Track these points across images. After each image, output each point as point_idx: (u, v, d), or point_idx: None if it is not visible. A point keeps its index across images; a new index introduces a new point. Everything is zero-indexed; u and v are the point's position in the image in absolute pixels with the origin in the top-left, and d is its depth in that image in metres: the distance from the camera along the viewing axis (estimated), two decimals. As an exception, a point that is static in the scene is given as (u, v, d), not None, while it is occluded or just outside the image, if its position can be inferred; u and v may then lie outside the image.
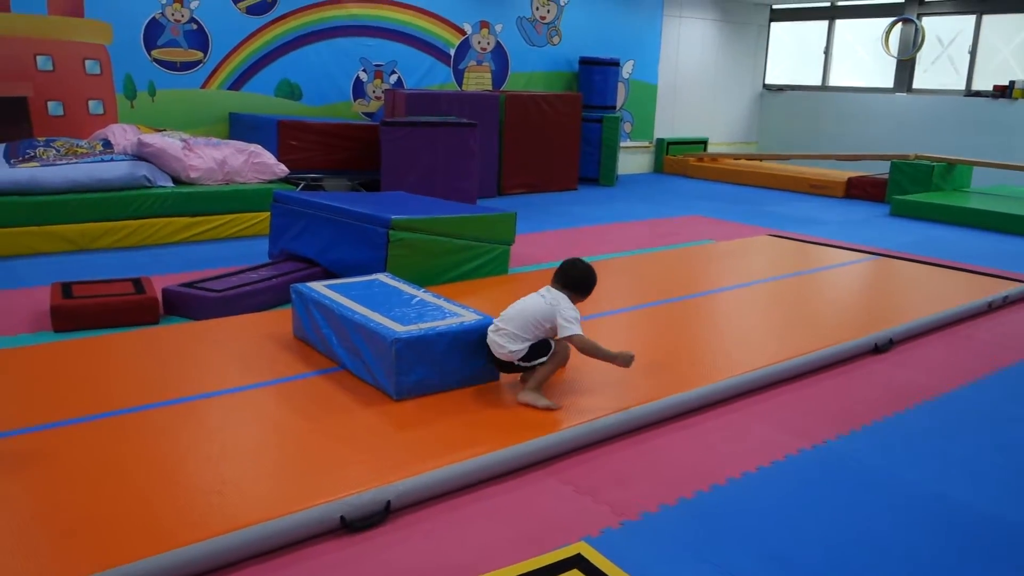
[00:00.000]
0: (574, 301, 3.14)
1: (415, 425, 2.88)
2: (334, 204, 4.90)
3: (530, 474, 2.73)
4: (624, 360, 3.11)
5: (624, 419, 3.03)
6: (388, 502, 2.42)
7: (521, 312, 3.09)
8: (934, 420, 3.31)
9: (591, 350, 3.10)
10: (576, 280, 3.17)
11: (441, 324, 3.18)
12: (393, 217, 4.61)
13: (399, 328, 3.11)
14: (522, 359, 3.08)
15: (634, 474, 2.76)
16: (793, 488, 2.71)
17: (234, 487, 2.41)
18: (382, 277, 3.93)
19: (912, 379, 3.74)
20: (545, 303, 3.08)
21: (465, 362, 3.19)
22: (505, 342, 3.07)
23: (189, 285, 4.48)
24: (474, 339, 3.19)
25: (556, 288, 3.15)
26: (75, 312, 4.05)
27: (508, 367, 3.15)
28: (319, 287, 3.69)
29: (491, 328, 3.15)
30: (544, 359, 3.08)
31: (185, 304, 4.36)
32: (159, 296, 4.40)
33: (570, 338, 3.06)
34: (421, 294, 3.64)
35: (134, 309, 4.17)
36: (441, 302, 3.51)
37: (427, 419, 2.93)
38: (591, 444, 2.94)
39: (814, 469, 2.85)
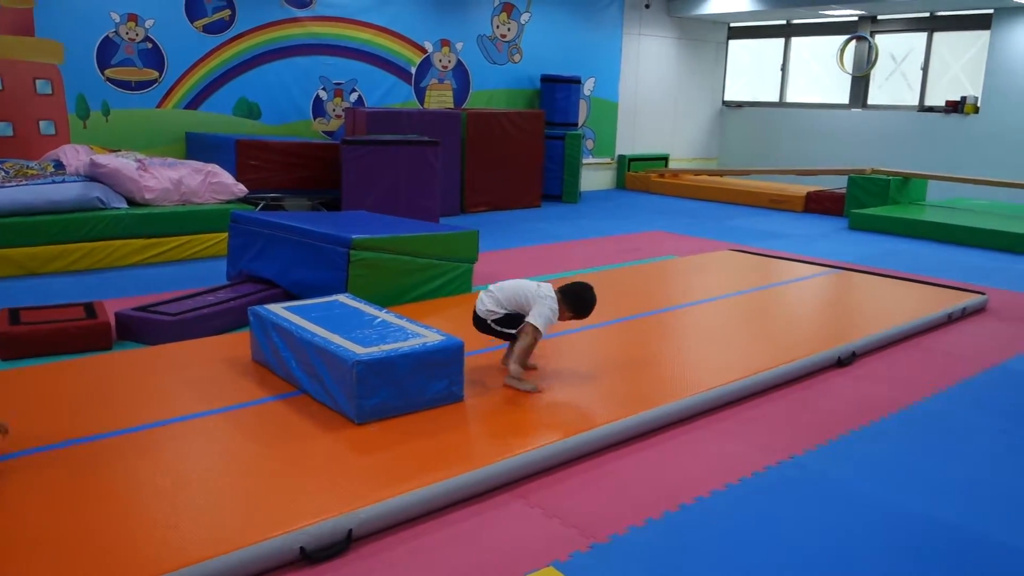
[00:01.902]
0: (564, 315, 3.43)
1: (377, 450, 2.81)
2: (293, 224, 4.82)
3: (496, 497, 2.67)
4: (525, 387, 3.35)
5: (591, 439, 2.99)
6: (350, 531, 2.35)
7: (514, 286, 3.44)
8: (898, 433, 3.32)
9: (522, 349, 3.38)
10: (571, 295, 3.46)
11: (403, 345, 3.12)
12: (354, 236, 4.54)
13: (360, 350, 3.04)
14: (496, 321, 3.43)
15: (602, 495, 2.71)
16: (761, 506, 2.68)
17: (189, 520, 2.32)
18: (342, 298, 3.86)
19: (875, 392, 3.75)
20: (535, 290, 3.40)
21: (428, 383, 3.12)
22: (489, 303, 3.44)
23: (143, 309, 4.36)
24: (437, 360, 3.13)
25: (560, 293, 3.44)
26: (23, 339, 3.91)
27: (483, 326, 3.48)
28: (278, 309, 3.61)
29: (484, 290, 3.50)
30: (514, 332, 3.41)
31: (139, 329, 4.23)
32: (112, 321, 4.28)
33: (527, 325, 3.36)
34: (383, 315, 3.57)
35: (85, 335, 4.04)
36: (403, 322, 3.45)
37: (390, 443, 2.86)
38: (558, 465, 2.89)
39: (781, 486, 2.83)
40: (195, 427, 2.98)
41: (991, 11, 10.63)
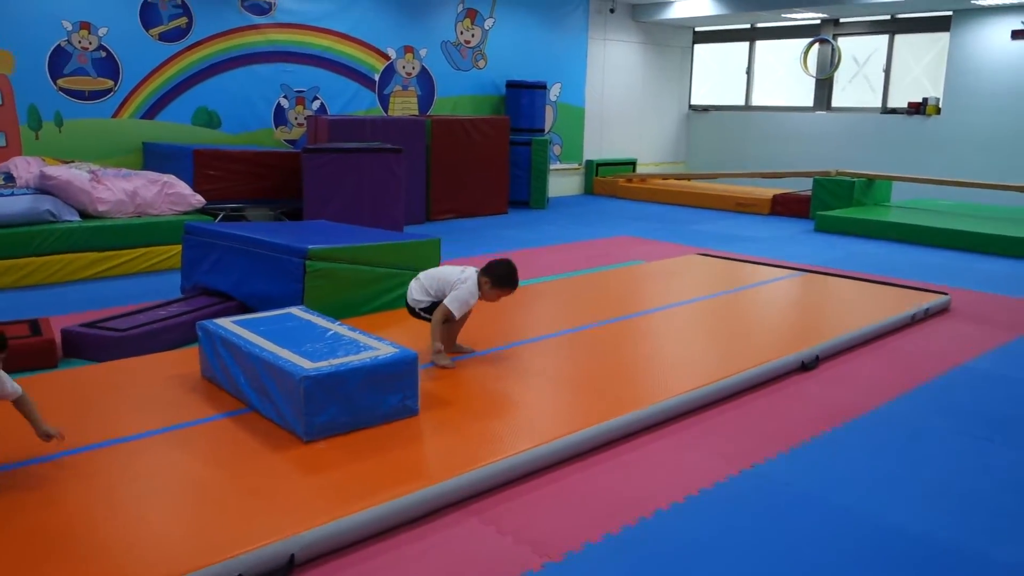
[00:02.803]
0: (495, 289, 3.62)
1: (325, 468, 2.71)
2: (248, 235, 4.70)
3: (448, 516, 2.58)
4: (443, 362, 3.60)
5: (548, 452, 2.91)
6: (292, 556, 2.25)
7: (437, 273, 3.69)
8: (860, 438, 3.27)
9: (434, 324, 3.60)
10: (497, 270, 3.63)
11: (354, 359, 3.02)
12: (309, 247, 4.43)
13: (308, 365, 2.94)
14: (423, 309, 3.67)
15: (559, 511, 2.63)
16: (723, 517, 2.62)
17: (123, 547, 2.21)
18: (295, 311, 3.75)
19: (838, 396, 3.71)
20: (458, 275, 3.63)
21: (380, 399, 3.03)
22: (416, 292, 3.70)
23: (90, 325, 4.22)
24: (389, 374, 3.03)
25: (481, 274, 3.60)
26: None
27: (413, 314, 3.73)
28: (226, 323, 3.49)
29: (415, 279, 3.76)
30: None
31: (86, 345, 4.10)
32: (58, 338, 4.13)
33: (441, 305, 3.60)
34: (336, 327, 3.47)
35: (29, 353, 3.90)
36: (356, 335, 3.35)
37: (338, 461, 2.76)
38: (514, 480, 2.80)
39: (743, 495, 2.77)
40: (136, 448, 2.86)
41: (950, 13, 10.74)
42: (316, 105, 9.10)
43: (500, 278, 3.65)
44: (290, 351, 3.10)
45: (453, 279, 3.68)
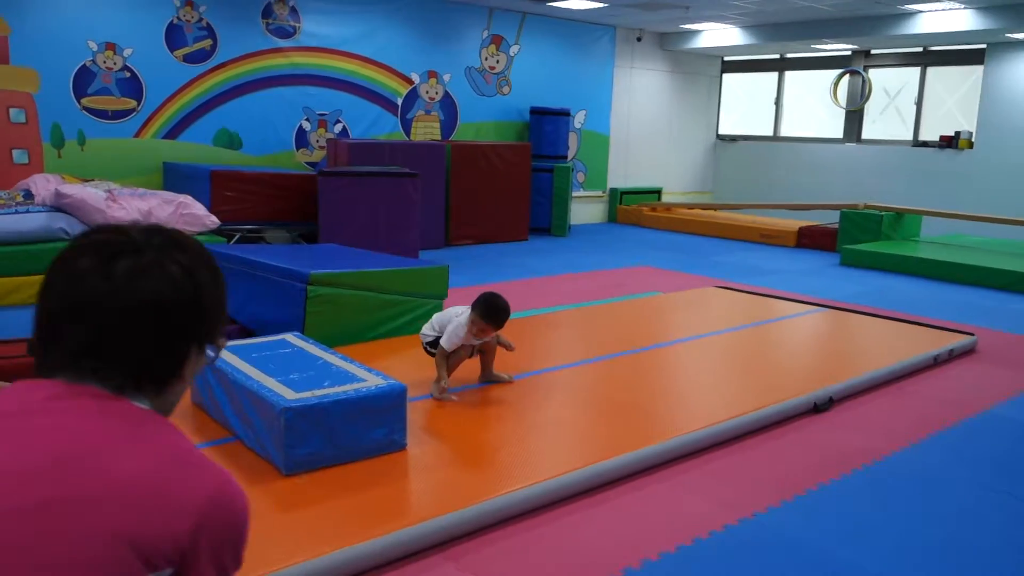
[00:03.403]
0: (482, 325, 3.57)
1: (302, 505, 2.61)
2: (252, 257, 4.66)
3: (425, 559, 2.46)
4: (436, 390, 3.62)
5: (537, 494, 2.78)
6: (253, 600, 2.14)
7: (445, 312, 3.78)
8: (870, 488, 3.10)
9: (437, 359, 3.65)
10: (482, 306, 3.59)
11: (339, 390, 2.93)
12: (311, 271, 4.36)
13: (291, 395, 2.85)
14: (429, 344, 3.75)
15: (541, 558, 2.50)
16: (715, 571, 2.47)
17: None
18: (290, 337, 3.68)
19: (850, 442, 3.54)
20: (457, 314, 3.67)
21: (364, 432, 2.93)
22: (426, 327, 3.80)
23: (89, 345, 4.17)
24: (375, 407, 2.93)
25: (471, 312, 3.61)
26: (-45, 377, 3.72)
27: (425, 349, 3.78)
28: (218, 349, 3.42)
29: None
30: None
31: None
32: (55, 358, 4.09)
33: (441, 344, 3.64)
34: (328, 356, 3.38)
35: (25, 373, 3.84)
36: (348, 365, 3.26)
37: (317, 497, 2.66)
38: (496, 524, 2.68)
39: (740, 547, 2.62)
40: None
41: (983, 46, 10.53)
42: (338, 128, 9.11)
43: (483, 313, 3.58)
44: (276, 380, 3.02)
45: (452, 315, 3.71)
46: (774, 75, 12.97)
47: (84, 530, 0.91)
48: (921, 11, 9.56)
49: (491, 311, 3.58)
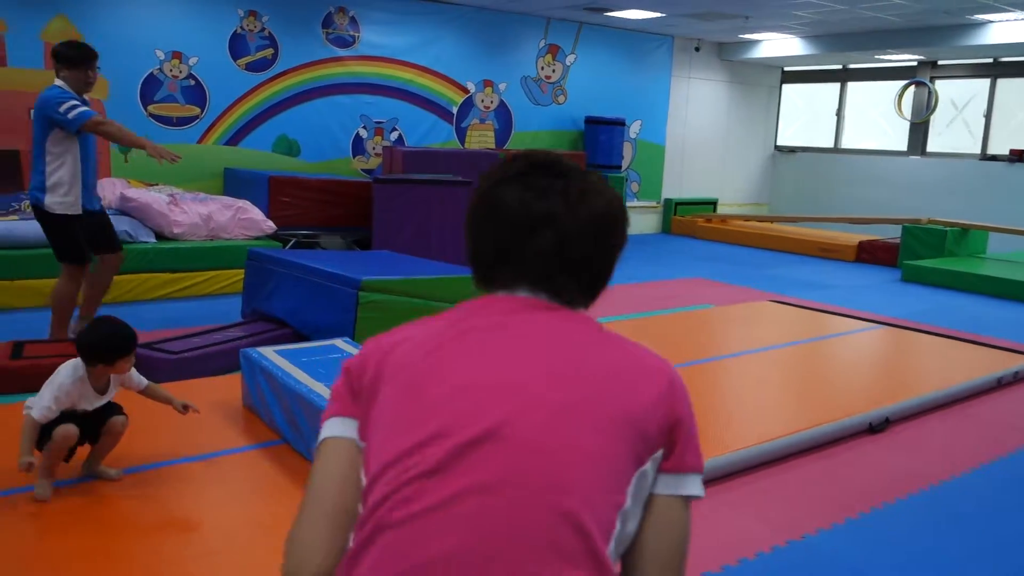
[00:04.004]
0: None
1: (346, 510, 2.63)
2: (305, 263, 4.72)
3: (466, 570, 2.45)
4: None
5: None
6: (295, 603, 2.16)
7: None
8: (926, 513, 3.00)
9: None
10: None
11: (386, 397, 2.94)
12: (363, 278, 4.41)
13: (338, 401, 2.87)
14: None
15: None
16: (760, 593, 2.41)
17: (126, 581, 2.17)
18: (339, 343, 3.72)
19: (907, 464, 3.43)
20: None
21: (410, 439, 2.93)
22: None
23: (148, 346, 4.28)
24: (421, 414, 2.94)
25: None
26: (20, 373, 3.85)
27: None
28: (268, 352, 3.48)
29: None
30: None
31: (140, 366, 4.13)
32: (114, 357, 4.20)
33: None
34: (376, 362, 3.40)
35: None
36: (395, 371, 3.27)
37: (360, 503, 2.67)
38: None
39: (789, 569, 2.56)
40: (160, 476, 2.84)
41: (1059, 57, 10.18)
42: (394, 136, 9.22)
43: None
44: (324, 385, 3.05)
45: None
46: (836, 86, 12.72)
47: (602, 418, 1.03)
48: (991, 21, 9.28)
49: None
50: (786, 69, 13.17)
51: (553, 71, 10.42)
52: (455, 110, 9.68)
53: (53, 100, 4.27)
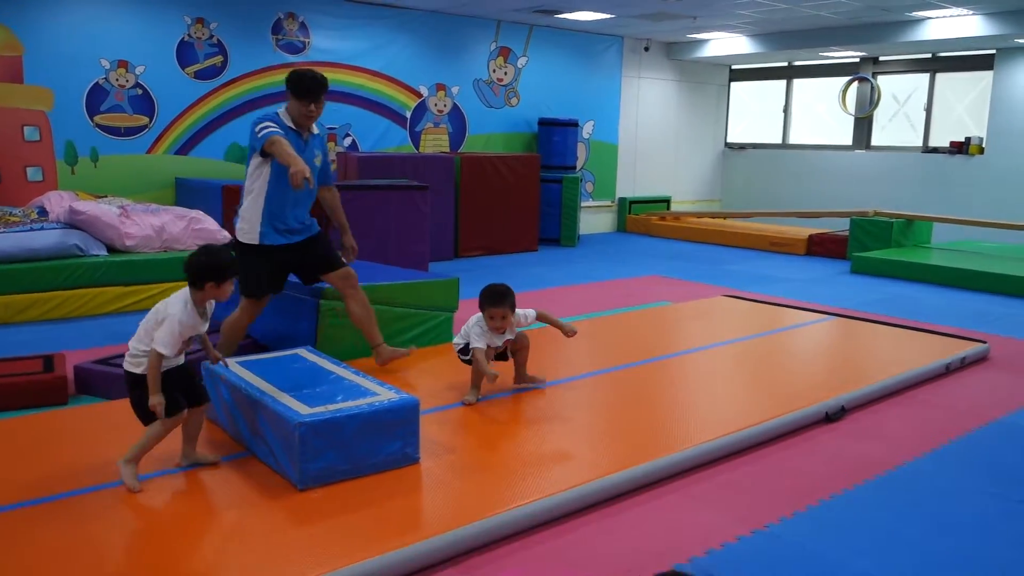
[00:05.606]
0: (487, 312, 3.73)
1: (316, 519, 2.63)
2: (264, 273, 4.67)
3: (440, 573, 2.47)
4: (489, 377, 3.61)
5: (545, 508, 2.78)
6: (269, 615, 2.16)
7: (467, 322, 3.84)
8: (885, 498, 3.09)
9: (474, 361, 3.72)
10: (480, 296, 3.77)
11: (353, 405, 2.95)
12: (325, 287, 4.39)
13: (305, 410, 2.87)
14: (460, 351, 3.85)
15: (554, 571, 2.51)
16: (728, 583, 2.47)
17: (95, 601, 2.14)
18: (303, 352, 3.70)
19: (863, 451, 3.54)
20: (473, 322, 3.78)
21: (380, 445, 2.94)
22: (457, 336, 3.89)
23: (103, 361, 4.21)
24: (388, 420, 2.95)
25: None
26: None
27: (459, 358, 3.89)
28: (231, 363, 3.45)
29: None
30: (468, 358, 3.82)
31: (98, 382, 4.08)
32: (70, 374, 4.13)
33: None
34: (340, 370, 3.40)
35: (39, 390, 3.89)
36: (361, 379, 3.28)
37: (331, 512, 2.67)
38: (503, 539, 2.68)
39: (753, 559, 2.62)
40: (123, 493, 2.80)
41: (993, 51, 10.51)
42: (347, 142, 9.17)
43: (481, 301, 3.77)
44: (289, 395, 3.04)
45: (472, 323, 3.82)
46: (782, 83, 12.98)
47: None
48: (929, 18, 9.55)
49: (484, 293, 3.76)
50: (734, 67, 13.39)
51: (505, 73, 10.46)
52: (408, 114, 9.66)
53: None
